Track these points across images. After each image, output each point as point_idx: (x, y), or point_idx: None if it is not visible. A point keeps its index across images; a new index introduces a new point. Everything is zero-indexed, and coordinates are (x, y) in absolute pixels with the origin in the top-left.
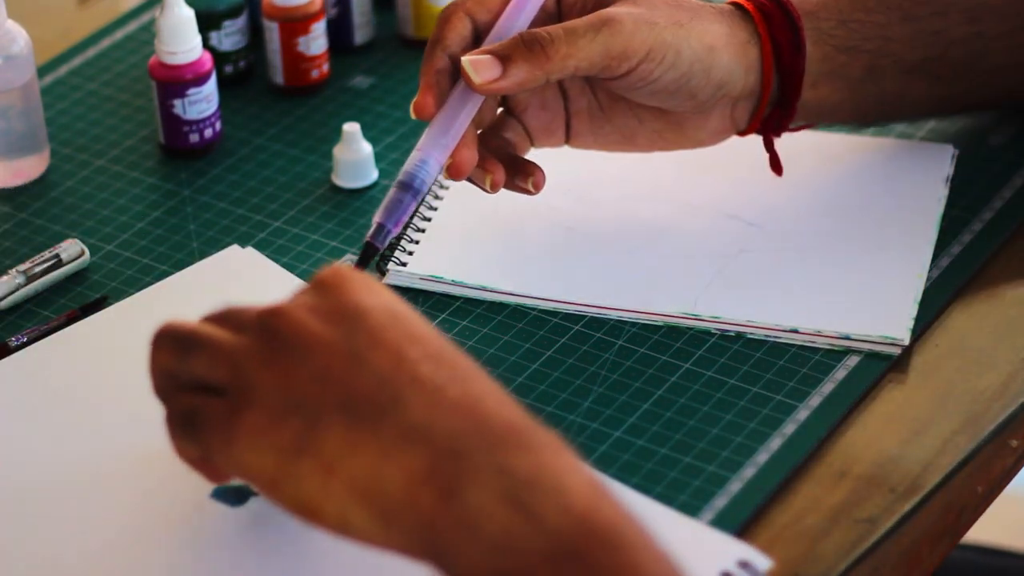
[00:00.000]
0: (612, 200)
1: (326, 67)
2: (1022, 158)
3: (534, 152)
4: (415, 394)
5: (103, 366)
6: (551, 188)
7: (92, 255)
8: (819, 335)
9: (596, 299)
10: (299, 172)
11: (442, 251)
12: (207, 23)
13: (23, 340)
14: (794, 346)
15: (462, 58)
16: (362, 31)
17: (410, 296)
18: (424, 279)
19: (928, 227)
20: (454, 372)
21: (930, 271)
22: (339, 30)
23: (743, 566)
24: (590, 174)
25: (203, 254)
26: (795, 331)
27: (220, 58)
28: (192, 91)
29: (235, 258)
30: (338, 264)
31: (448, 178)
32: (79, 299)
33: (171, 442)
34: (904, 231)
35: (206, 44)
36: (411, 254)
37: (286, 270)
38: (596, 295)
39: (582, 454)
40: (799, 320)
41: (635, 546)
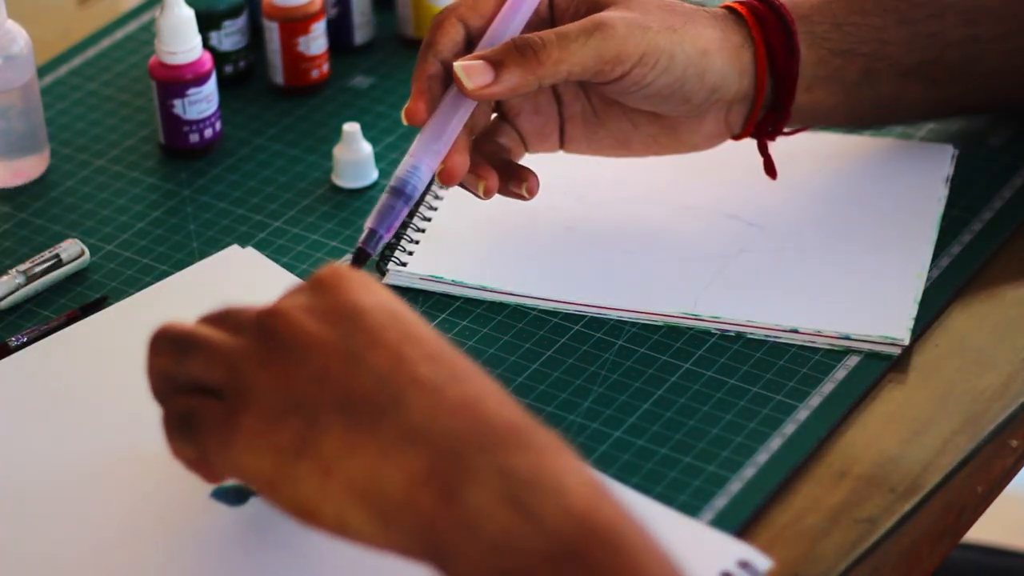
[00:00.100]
0: (612, 201)
1: (326, 67)
2: (1021, 158)
3: (530, 157)
4: (414, 394)
5: (103, 366)
6: (551, 189)
7: (92, 255)
8: (819, 335)
9: (596, 299)
10: (299, 172)
11: (442, 251)
12: (207, 23)
13: (23, 340)
14: (794, 346)
15: (454, 64)
16: (362, 31)
17: (410, 296)
18: (424, 279)
19: (928, 227)
20: (453, 372)
21: (930, 271)
22: (339, 30)
23: (743, 566)
24: (589, 176)
25: (203, 254)
26: (795, 331)
27: (220, 58)
28: (192, 91)
29: (235, 258)
30: (336, 264)
31: (440, 184)
32: (79, 299)
33: (168, 443)
34: (904, 231)
35: (206, 44)
36: (411, 254)
37: (286, 270)
38: (596, 295)
39: (582, 454)
40: (799, 320)
41: (635, 546)
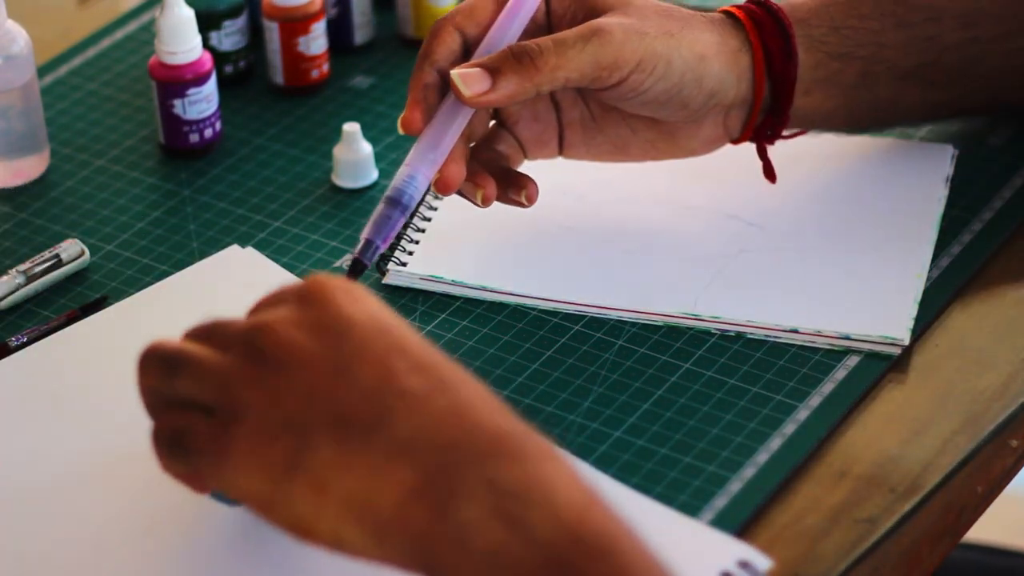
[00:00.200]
0: (612, 201)
1: (326, 67)
2: (1021, 158)
3: (529, 162)
4: (403, 407)
5: (103, 366)
6: (551, 189)
7: (92, 255)
8: (819, 335)
9: (596, 299)
10: (299, 172)
11: (442, 251)
12: (207, 23)
13: (23, 340)
14: (794, 346)
15: (451, 71)
16: (362, 31)
17: (410, 296)
18: (424, 279)
19: (928, 227)
20: (442, 381)
21: (930, 271)
22: (339, 30)
23: (743, 566)
24: (589, 176)
25: (203, 254)
26: (795, 331)
27: (220, 58)
28: (192, 91)
29: (235, 258)
30: (322, 275)
31: (436, 193)
32: (79, 299)
33: (157, 459)
34: (904, 231)
35: (206, 44)
36: (411, 254)
37: (286, 270)
38: (596, 295)
39: (582, 454)
40: (799, 320)
41: (625, 553)
